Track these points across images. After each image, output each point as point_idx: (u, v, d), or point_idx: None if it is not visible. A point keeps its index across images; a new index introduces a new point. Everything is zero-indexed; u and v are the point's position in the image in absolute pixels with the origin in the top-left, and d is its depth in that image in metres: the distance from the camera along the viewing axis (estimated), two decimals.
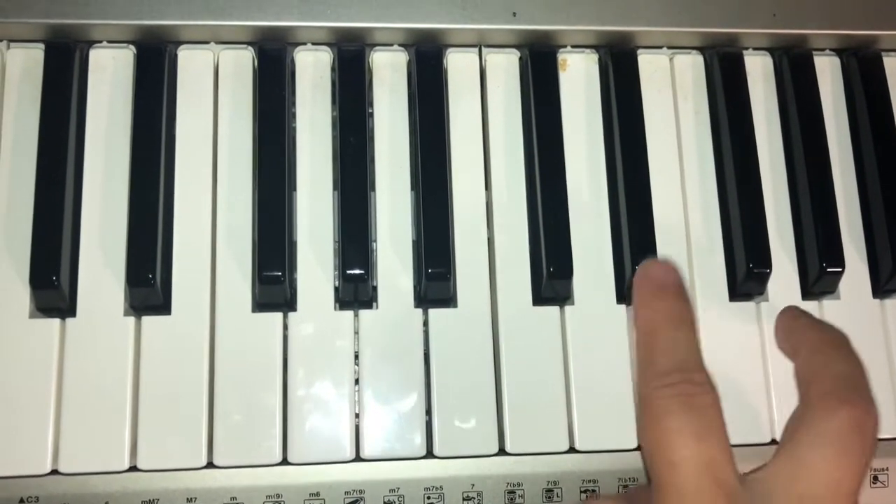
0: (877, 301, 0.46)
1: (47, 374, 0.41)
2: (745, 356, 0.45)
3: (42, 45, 0.44)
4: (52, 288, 0.41)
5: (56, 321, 0.41)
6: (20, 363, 0.41)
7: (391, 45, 0.47)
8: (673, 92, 0.48)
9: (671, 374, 0.36)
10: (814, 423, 0.35)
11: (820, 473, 0.34)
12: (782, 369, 0.44)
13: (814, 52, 0.49)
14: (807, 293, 0.46)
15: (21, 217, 0.42)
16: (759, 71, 0.48)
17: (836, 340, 0.40)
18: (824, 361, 0.38)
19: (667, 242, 0.45)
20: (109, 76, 0.45)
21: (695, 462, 0.34)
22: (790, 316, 0.43)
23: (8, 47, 0.44)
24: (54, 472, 0.40)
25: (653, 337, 0.38)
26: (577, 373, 0.43)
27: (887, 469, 0.45)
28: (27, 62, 0.44)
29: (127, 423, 0.41)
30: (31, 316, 0.42)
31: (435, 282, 0.43)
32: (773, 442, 0.44)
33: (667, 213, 0.46)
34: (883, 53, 0.49)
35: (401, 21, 0.45)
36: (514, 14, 0.45)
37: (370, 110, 0.46)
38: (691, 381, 0.36)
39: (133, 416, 0.41)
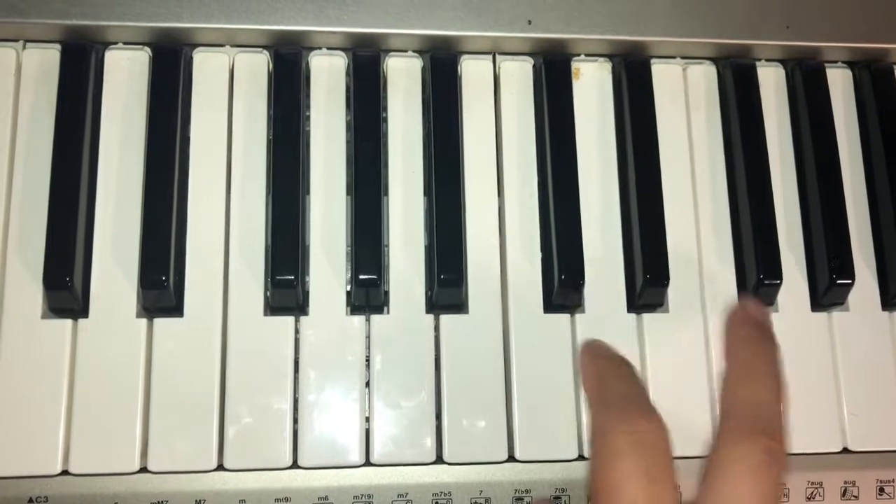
0: (885, 313, 0.46)
1: (59, 375, 0.41)
2: None
3: (58, 46, 0.44)
4: (66, 289, 0.41)
5: (68, 322, 0.42)
6: (32, 363, 0.41)
7: (406, 50, 0.47)
8: (686, 102, 0.48)
9: (622, 409, 0.36)
10: (724, 456, 0.35)
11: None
12: (793, 379, 0.44)
13: (826, 65, 0.49)
14: (816, 305, 0.46)
15: (35, 217, 0.42)
16: (771, 82, 0.49)
17: (761, 365, 0.39)
18: (742, 389, 0.38)
19: (677, 252, 0.45)
20: (125, 77, 0.45)
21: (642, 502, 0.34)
22: (734, 318, 0.41)
23: (24, 47, 0.45)
24: (64, 472, 0.40)
25: (602, 381, 0.38)
26: None
27: (894, 481, 0.46)
28: (43, 62, 0.44)
29: (138, 425, 0.41)
30: (44, 316, 0.42)
31: (447, 288, 0.43)
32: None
33: (678, 222, 0.46)
34: (895, 67, 0.49)
35: (416, 27, 0.45)
36: (530, 22, 0.45)
37: (384, 115, 0.46)
38: (644, 417, 0.36)
39: (144, 417, 0.41)
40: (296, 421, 0.42)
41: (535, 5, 0.45)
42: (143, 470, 0.41)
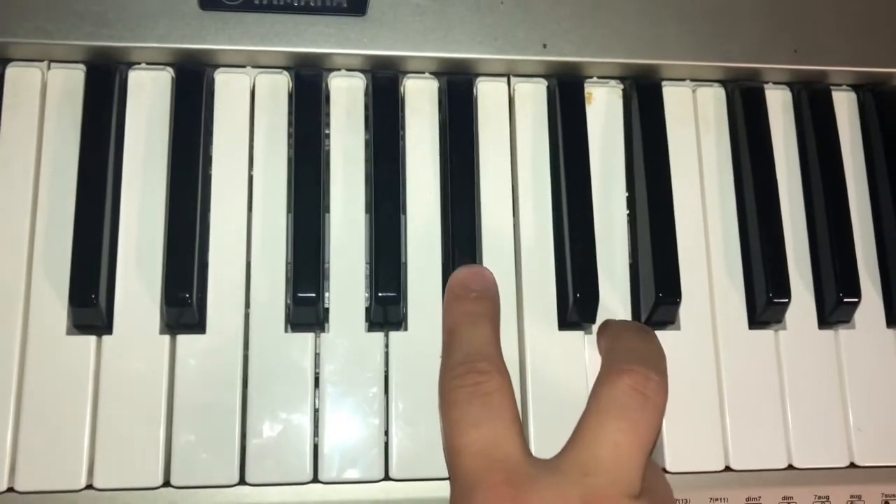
0: (891, 331, 0.48)
1: (83, 391, 0.42)
2: (763, 382, 0.46)
3: (82, 66, 0.45)
4: (91, 306, 0.41)
5: (92, 338, 0.42)
6: (57, 379, 0.42)
7: (423, 72, 0.48)
8: (695, 123, 0.49)
9: (458, 366, 0.38)
10: (597, 393, 0.37)
11: (600, 438, 0.36)
12: (800, 395, 0.46)
13: (832, 88, 0.50)
14: (823, 322, 0.47)
15: (60, 235, 0.43)
16: (778, 104, 0.50)
17: (634, 326, 0.42)
18: (615, 342, 0.41)
19: (688, 271, 0.46)
20: (147, 97, 0.46)
21: (474, 448, 0.36)
22: (603, 324, 0.45)
23: (49, 67, 0.45)
24: (89, 486, 0.41)
25: (450, 336, 0.41)
26: None
27: None
28: (68, 82, 0.45)
29: (161, 440, 0.41)
30: (69, 333, 0.42)
31: None
32: (790, 467, 0.45)
33: (688, 242, 0.47)
34: None
35: (434, 51, 0.46)
36: (545, 46, 0.46)
37: (401, 135, 0.47)
38: (475, 370, 0.38)
39: (167, 433, 0.42)
40: (316, 436, 0.42)
41: (550, 30, 0.47)
42: (167, 484, 0.41)
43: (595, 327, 0.45)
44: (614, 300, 0.46)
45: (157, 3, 0.45)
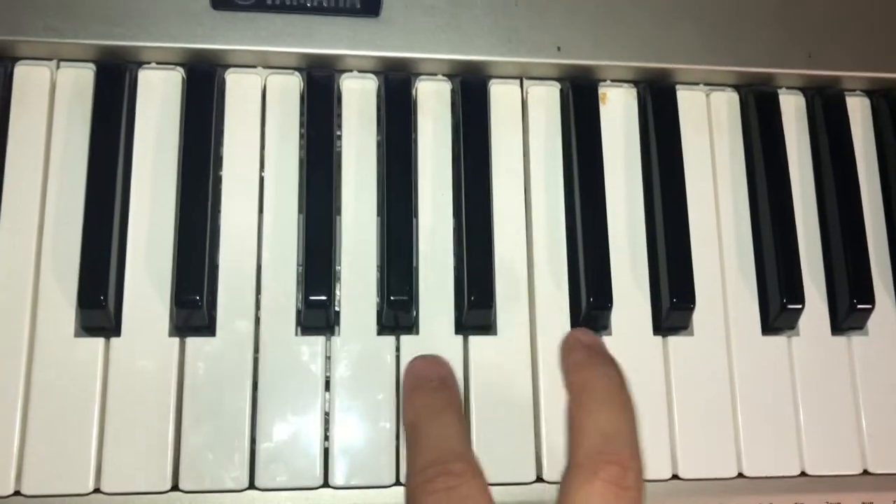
0: None
1: (91, 393, 0.41)
2: (776, 389, 0.46)
3: (92, 66, 0.45)
4: (100, 308, 0.41)
5: (101, 340, 0.42)
6: (65, 382, 0.41)
7: (436, 74, 0.47)
8: (709, 127, 0.49)
9: (428, 468, 0.35)
10: (576, 488, 0.34)
11: None
12: (813, 402, 0.45)
13: (845, 93, 0.50)
14: (836, 329, 0.47)
15: (69, 236, 0.43)
16: (792, 109, 0.50)
17: (601, 388, 0.37)
18: (585, 418, 0.36)
19: (701, 275, 0.46)
20: (158, 97, 0.45)
21: None
22: (563, 346, 0.41)
23: (58, 66, 0.45)
24: (96, 490, 0.41)
25: (414, 432, 0.37)
26: None
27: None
28: (77, 82, 0.45)
29: (169, 444, 0.41)
30: (77, 335, 0.42)
31: (477, 310, 0.43)
32: (803, 474, 0.45)
33: (702, 246, 0.47)
34: None
35: (447, 52, 0.46)
36: (559, 48, 0.46)
37: (414, 137, 0.46)
38: (449, 472, 0.34)
39: (175, 436, 0.41)
40: (327, 440, 0.42)
41: (564, 33, 0.46)
42: (175, 489, 0.41)
43: (613, 333, 0.45)
44: (631, 305, 0.45)
45: (168, 2, 0.44)
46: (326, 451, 0.42)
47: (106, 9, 0.44)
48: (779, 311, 0.45)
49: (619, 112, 0.48)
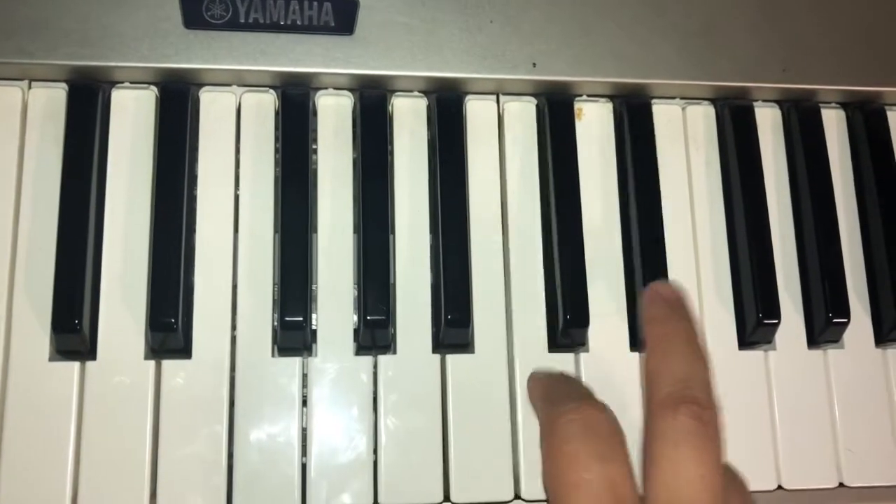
0: (879, 350, 0.48)
1: (66, 418, 0.41)
2: (752, 404, 0.46)
3: (64, 86, 0.44)
4: (74, 332, 0.41)
5: (76, 364, 0.41)
6: (39, 406, 0.41)
7: (412, 91, 0.47)
8: (685, 141, 0.49)
9: (567, 401, 0.37)
10: (660, 431, 0.36)
11: (684, 477, 0.35)
12: (789, 416, 0.46)
13: (821, 105, 0.50)
14: (812, 342, 0.47)
15: (42, 258, 0.42)
16: (768, 122, 0.50)
17: (679, 337, 0.39)
18: (663, 362, 0.38)
19: None
20: (131, 117, 0.45)
21: (597, 483, 0.35)
22: (645, 298, 0.42)
23: (29, 87, 0.44)
24: None
25: (547, 389, 0.40)
26: None
27: None
28: (49, 102, 0.44)
29: (146, 468, 0.41)
30: (51, 359, 0.42)
31: (454, 328, 0.43)
32: (780, 488, 0.45)
33: (678, 261, 0.47)
34: (887, 108, 0.50)
35: (423, 69, 0.46)
36: (535, 65, 0.46)
37: (390, 152, 0.46)
38: (593, 406, 0.37)
39: (153, 460, 0.41)
40: (304, 461, 0.42)
41: (540, 48, 0.46)
42: None
43: (590, 350, 0.45)
44: (607, 321, 0.45)
45: (140, 21, 0.44)
46: (304, 473, 0.42)
47: (77, 29, 0.43)
48: (755, 325, 0.45)
49: (594, 127, 0.48)
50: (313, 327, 0.44)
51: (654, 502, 0.35)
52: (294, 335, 0.42)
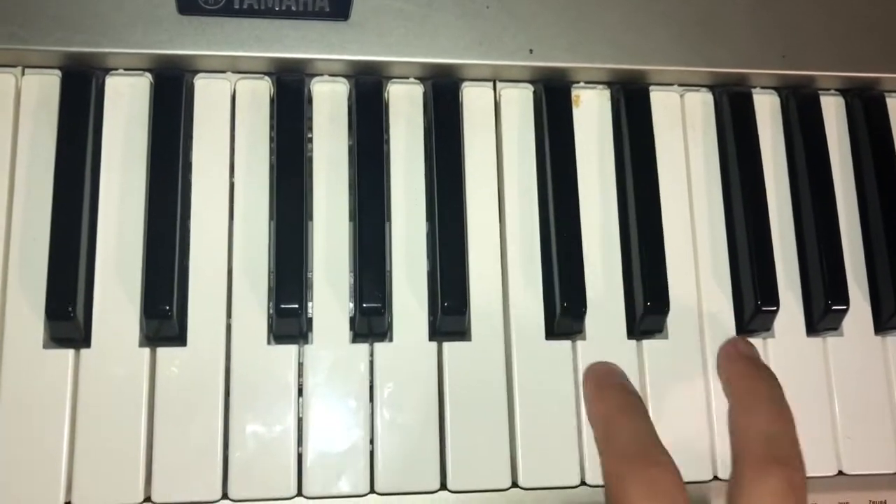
0: (878, 338, 0.47)
1: (61, 406, 0.41)
2: None
3: (57, 72, 0.44)
4: (68, 318, 0.40)
5: (70, 352, 0.41)
6: (34, 394, 0.41)
7: (408, 77, 0.47)
8: (683, 128, 0.49)
9: (634, 457, 0.38)
10: (750, 490, 0.37)
11: None
12: (789, 404, 0.45)
13: (820, 92, 0.50)
14: (811, 330, 0.47)
15: (36, 245, 0.42)
16: (766, 109, 0.49)
17: (764, 394, 0.40)
18: (751, 421, 0.39)
19: (676, 277, 0.46)
20: (125, 104, 0.44)
21: None
22: (724, 356, 0.44)
23: (23, 73, 0.44)
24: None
25: (609, 425, 0.40)
26: None
27: (885, 502, 0.46)
28: (43, 89, 0.44)
29: (141, 456, 0.41)
30: (45, 346, 0.41)
31: (450, 315, 0.43)
32: None
33: (677, 248, 0.46)
34: (886, 94, 0.50)
35: (419, 56, 0.45)
36: (531, 51, 0.46)
37: (386, 139, 0.46)
38: (654, 462, 0.37)
39: (147, 448, 0.41)
40: (301, 450, 0.42)
41: (537, 34, 0.46)
42: (147, 500, 0.41)
43: (587, 338, 0.44)
44: (605, 308, 0.45)
45: (134, 7, 0.43)
46: (300, 461, 0.42)
47: (71, 15, 0.43)
48: (753, 312, 0.45)
49: (592, 114, 0.48)
50: (309, 315, 0.43)
51: None
52: (289, 323, 0.42)
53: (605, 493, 0.39)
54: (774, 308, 0.45)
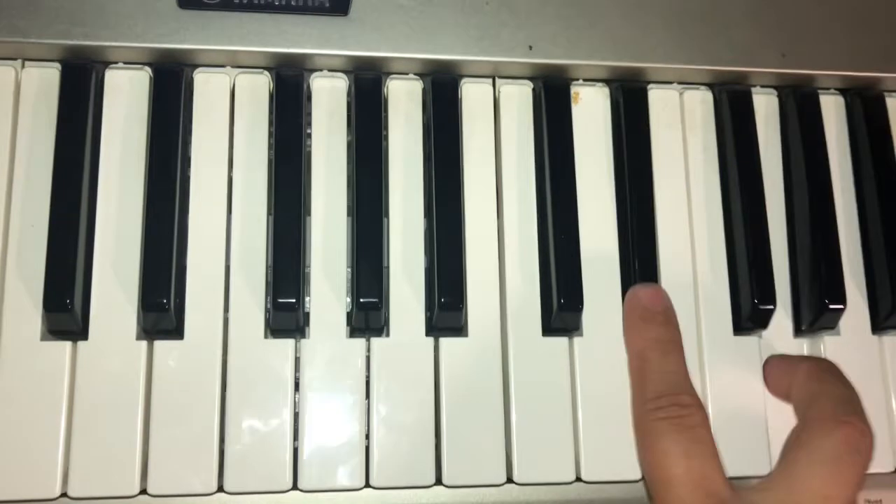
0: (875, 337, 0.47)
1: (58, 397, 0.41)
2: (747, 389, 0.45)
3: (57, 65, 0.44)
4: (66, 311, 0.41)
5: (68, 344, 0.41)
6: (31, 386, 0.41)
7: (407, 73, 0.47)
8: (682, 126, 0.49)
9: (661, 398, 0.39)
10: (811, 443, 0.38)
11: (813, 489, 0.37)
12: (783, 403, 0.45)
13: (819, 91, 0.50)
14: (808, 328, 0.47)
15: (34, 238, 0.42)
16: (765, 108, 0.49)
17: (830, 367, 0.42)
18: (821, 385, 0.41)
19: (673, 275, 0.46)
20: (125, 97, 0.45)
21: (686, 479, 0.37)
22: (780, 357, 0.46)
23: (23, 66, 0.44)
24: (63, 495, 0.40)
25: (643, 363, 0.41)
26: (584, 403, 0.44)
27: (881, 501, 0.46)
28: (42, 81, 0.44)
29: (137, 448, 0.41)
30: (43, 338, 0.41)
31: (447, 311, 0.43)
32: None
33: (674, 246, 0.46)
34: (885, 94, 0.50)
35: (418, 51, 0.45)
36: (531, 48, 0.46)
37: (384, 135, 0.46)
38: (679, 403, 0.39)
39: (144, 440, 0.41)
40: (296, 443, 0.42)
41: (536, 31, 0.46)
42: (143, 492, 0.41)
43: (583, 334, 0.44)
44: (603, 303, 0.45)
45: (134, 1, 0.44)
46: (296, 454, 0.42)
47: (71, 8, 0.43)
48: (750, 310, 0.45)
49: (591, 111, 0.48)
50: (306, 309, 0.43)
51: (771, 501, 0.36)
52: (287, 316, 0.42)
53: (634, 427, 0.41)
54: (772, 306, 0.45)
